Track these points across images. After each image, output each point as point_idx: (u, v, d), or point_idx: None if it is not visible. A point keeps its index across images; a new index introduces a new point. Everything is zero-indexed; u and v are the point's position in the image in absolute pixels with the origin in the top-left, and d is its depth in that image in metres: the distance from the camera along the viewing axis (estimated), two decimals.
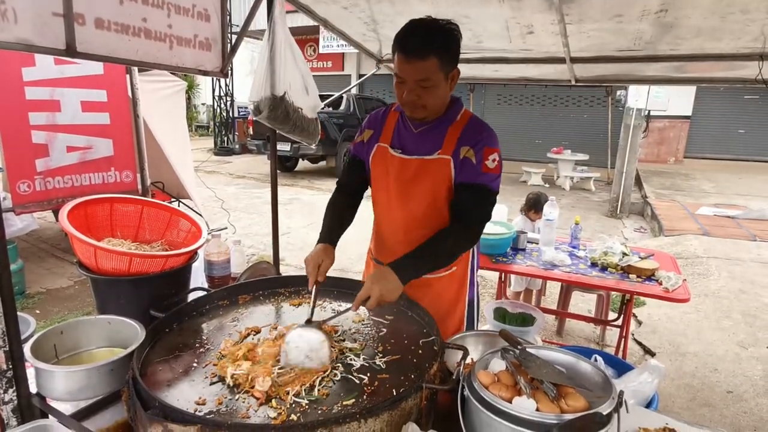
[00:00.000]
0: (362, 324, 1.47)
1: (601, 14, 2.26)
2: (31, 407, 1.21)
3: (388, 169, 1.65)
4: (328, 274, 1.52)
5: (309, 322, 1.31)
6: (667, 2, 2.04)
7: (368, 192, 1.82)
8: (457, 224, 1.55)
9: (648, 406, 1.63)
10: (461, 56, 3.41)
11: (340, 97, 11.31)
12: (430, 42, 1.41)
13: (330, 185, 10.58)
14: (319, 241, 1.57)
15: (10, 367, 1.17)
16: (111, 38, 1.67)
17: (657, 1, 2.05)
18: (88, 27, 1.59)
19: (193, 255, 1.68)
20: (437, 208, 1.61)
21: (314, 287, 1.45)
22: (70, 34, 1.53)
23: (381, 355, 1.28)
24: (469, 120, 1.61)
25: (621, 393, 0.97)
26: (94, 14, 1.60)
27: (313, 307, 1.39)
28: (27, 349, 1.19)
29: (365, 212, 1.85)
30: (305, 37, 16.71)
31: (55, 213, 5.24)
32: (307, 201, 8.97)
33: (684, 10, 2.10)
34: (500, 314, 2.31)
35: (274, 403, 1.06)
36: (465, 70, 3.65)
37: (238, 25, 2.41)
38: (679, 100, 12.19)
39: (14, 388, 1.18)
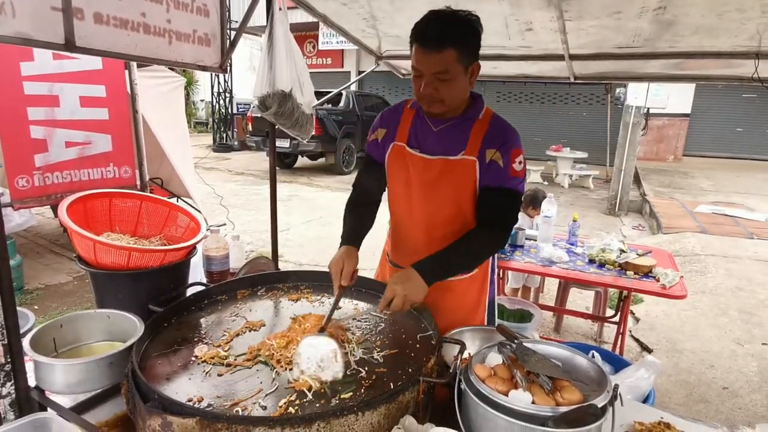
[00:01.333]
0: (360, 318, 1.47)
1: (600, 11, 2.26)
2: (30, 400, 1.22)
3: (407, 169, 1.59)
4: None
5: (322, 330, 1.28)
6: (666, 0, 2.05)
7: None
8: (484, 227, 1.50)
9: (645, 401, 1.65)
10: None
11: (340, 94, 11.29)
12: (447, 33, 1.35)
13: (329, 182, 10.58)
14: (341, 245, 1.54)
15: (9, 360, 1.17)
16: (110, 33, 1.67)
17: None
18: (87, 21, 1.59)
19: (191, 250, 1.68)
20: (461, 209, 1.57)
21: (338, 292, 1.42)
22: (69, 28, 1.53)
23: (379, 349, 1.29)
24: (492, 119, 1.55)
25: (616, 386, 0.98)
26: (93, 9, 1.60)
27: (331, 314, 1.36)
28: (26, 342, 1.20)
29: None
30: (305, 34, 16.66)
31: (54, 208, 5.24)
32: (306, 197, 8.97)
33: (682, 8, 2.10)
34: (499, 310, 2.33)
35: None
36: None
37: (237, 21, 2.41)
38: (679, 98, 12.20)
39: (12, 381, 1.19)
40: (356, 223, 1.63)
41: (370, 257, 2.00)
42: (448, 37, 1.35)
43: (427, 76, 1.40)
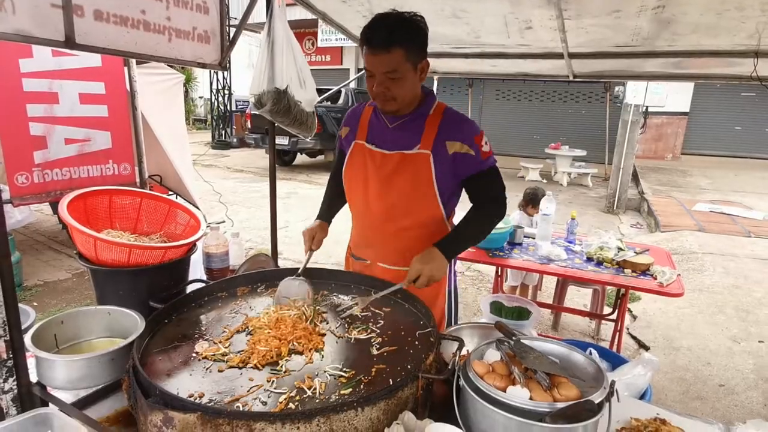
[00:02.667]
0: (360, 315, 1.48)
1: (599, 10, 2.26)
2: (32, 396, 1.22)
3: (366, 165, 1.70)
4: (326, 267, 1.66)
5: (297, 276, 1.62)
6: None
7: None
8: (483, 203, 1.66)
9: (641, 398, 1.66)
10: (459, 51, 3.40)
11: (339, 91, 11.26)
12: (394, 33, 1.45)
13: (327, 179, 10.56)
14: (317, 218, 1.86)
15: (11, 356, 1.18)
16: (110, 30, 1.67)
17: None
18: (87, 18, 1.59)
19: (191, 247, 1.69)
20: (416, 202, 1.66)
21: (309, 252, 1.76)
22: (69, 25, 1.53)
23: (378, 346, 1.30)
24: (445, 112, 1.65)
25: (612, 383, 0.99)
26: (93, 6, 1.60)
27: (305, 265, 1.66)
28: (28, 338, 1.21)
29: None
30: (304, 31, 16.63)
31: (53, 205, 5.24)
32: (305, 195, 8.97)
33: (681, 6, 2.11)
34: (497, 308, 2.34)
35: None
36: (463, 65, 3.67)
37: (236, 18, 2.41)
38: (677, 97, 12.21)
39: (14, 377, 1.19)
40: (332, 201, 1.93)
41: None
42: (395, 37, 1.45)
43: (379, 75, 1.50)
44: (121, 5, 1.68)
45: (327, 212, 1.89)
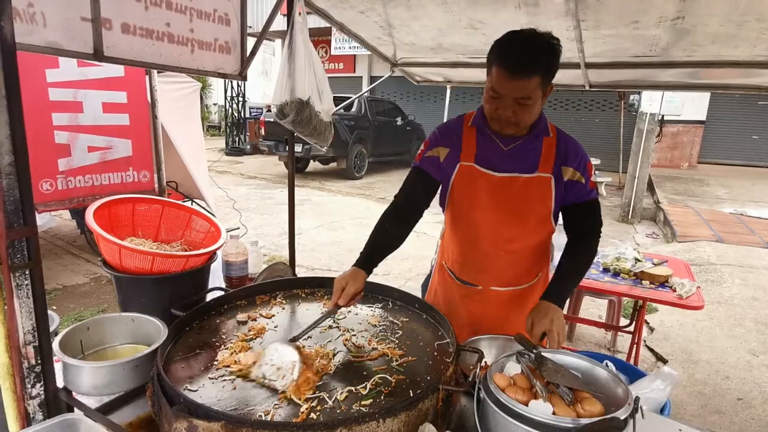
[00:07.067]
0: (378, 326, 1.49)
1: (618, 20, 2.26)
2: (58, 401, 1.24)
3: (477, 188, 1.59)
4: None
5: (292, 341, 1.27)
6: (684, 9, 2.04)
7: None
8: (579, 240, 1.62)
9: (660, 412, 1.63)
10: (475, 61, 3.40)
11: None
12: (535, 60, 1.36)
13: (340, 186, 10.62)
14: (356, 262, 1.47)
15: (39, 362, 1.20)
16: (136, 42, 1.71)
17: (674, 8, 2.05)
18: (115, 31, 1.64)
19: (212, 255, 1.71)
20: (534, 223, 1.62)
21: (331, 309, 1.38)
22: (97, 38, 1.58)
23: (398, 357, 1.30)
24: (559, 135, 1.59)
25: (637, 399, 0.98)
26: (120, 19, 1.65)
27: (310, 328, 1.34)
28: (55, 344, 1.23)
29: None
30: (317, 39, 16.79)
31: (72, 211, 5.33)
32: (318, 202, 9.01)
33: (701, 17, 2.10)
34: None
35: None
36: (478, 74, 3.68)
37: (251, 27, 2.47)
38: (693, 105, 12.07)
39: (42, 382, 1.22)
40: (381, 242, 1.54)
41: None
42: (535, 63, 1.35)
43: (508, 99, 1.41)
44: (147, 18, 1.73)
45: (369, 256, 1.48)
